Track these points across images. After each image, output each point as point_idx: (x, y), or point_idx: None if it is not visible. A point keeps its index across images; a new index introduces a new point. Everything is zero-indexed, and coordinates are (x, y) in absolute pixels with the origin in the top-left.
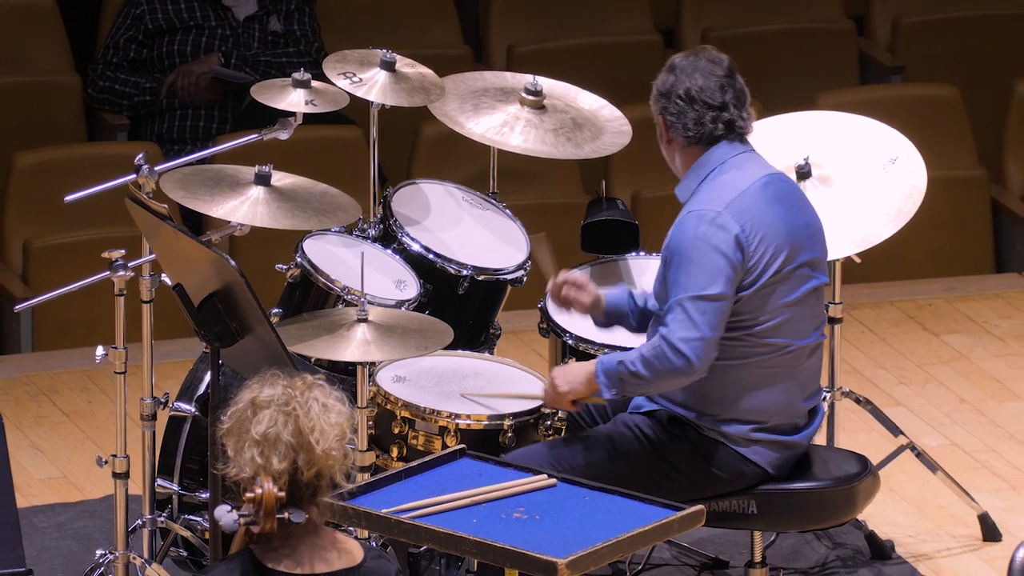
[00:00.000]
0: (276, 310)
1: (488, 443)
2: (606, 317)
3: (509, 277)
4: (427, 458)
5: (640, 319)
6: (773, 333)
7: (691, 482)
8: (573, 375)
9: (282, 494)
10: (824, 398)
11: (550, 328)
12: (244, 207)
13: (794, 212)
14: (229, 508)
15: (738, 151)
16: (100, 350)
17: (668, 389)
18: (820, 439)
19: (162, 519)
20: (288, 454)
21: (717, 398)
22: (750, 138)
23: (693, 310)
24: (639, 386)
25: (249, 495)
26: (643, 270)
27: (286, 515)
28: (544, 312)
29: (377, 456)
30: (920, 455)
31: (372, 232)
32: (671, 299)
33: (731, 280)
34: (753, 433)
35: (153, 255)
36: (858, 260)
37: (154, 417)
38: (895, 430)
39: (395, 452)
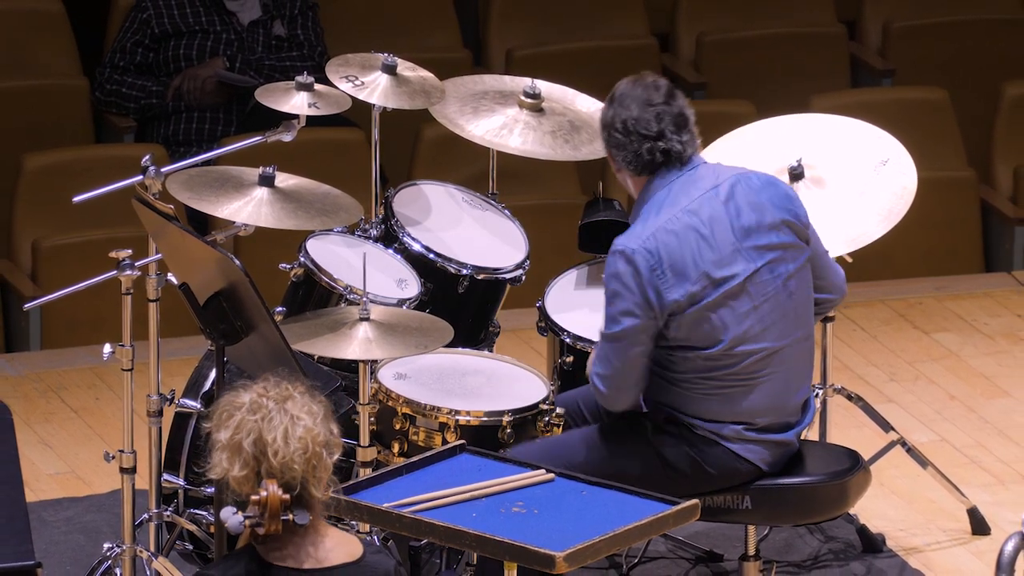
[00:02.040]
0: (280, 309)
1: (487, 439)
2: None
3: (508, 276)
4: (427, 454)
5: None
6: (741, 342)
7: (686, 480)
8: None
9: (287, 496)
10: (816, 395)
11: (548, 326)
12: (248, 208)
13: (731, 225)
14: (235, 510)
15: (674, 178)
16: (107, 348)
17: (616, 411)
18: (812, 435)
19: (168, 513)
20: (249, 462)
21: (704, 407)
22: (749, 140)
23: (604, 347)
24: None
25: (254, 497)
26: None
27: (291, 517)
28: (542, 311)
29: (379, 452)
30: (910, 450)
31: (374, 232)
32: (599, 332)
33: (647, 313)
34: (747, 432)
35: (159, 255)
36: (850, 259)
37: (160, 413)
38: (886, 426)
39: (396, 448)
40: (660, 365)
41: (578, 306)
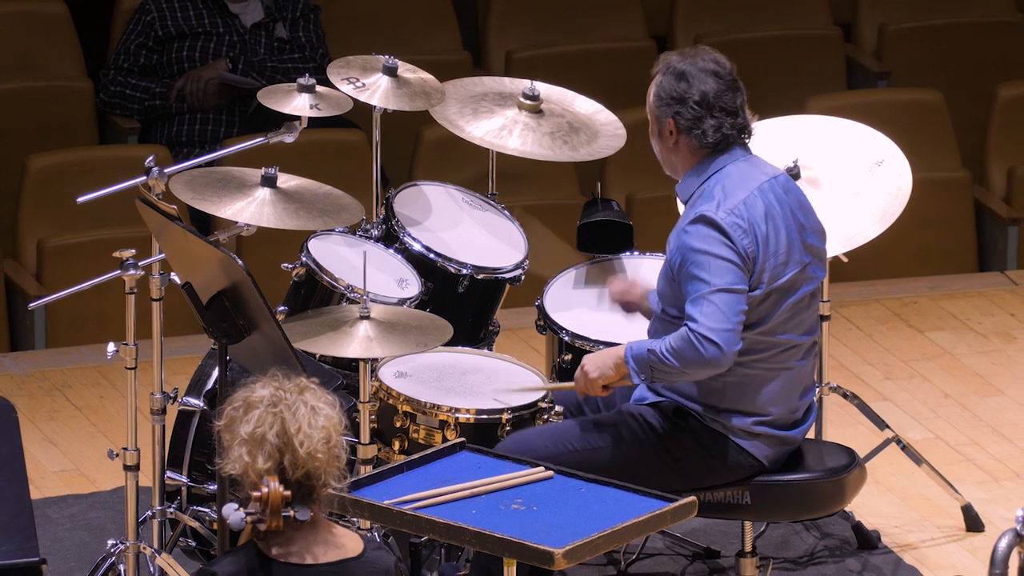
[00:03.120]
0: (282, 308)
1: (487, 437)
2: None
3: (507, 276)
4: (428, 451)
5: None
6: (780, 331)
7: (689, 472)
8: (602, 360)
9: (288, 493)
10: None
11: (547, 325)
12: (251, 208)
13: (793, 217)
14: (236, 506)
15: (738, 157)
16: (111, 346)
17: (698, 378)
18: (809, 432)
19: (171, 510)
20: (273, 454)
21: (721, 391)
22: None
23: (720, 302)
24: (669, 374)
25: (256, 494)
26: (637, 269)
27: (292, 513)
28: (541, 309)
29: (379, 449)
30: (905, 448)
31: (375, 232)
32: (693, 295)
33: (746, 277)
34: (756, 427)
35: (163, 254)
36: (845, 259)
37: (164, 411)
38: (881, 424)
39: (397, 445)
40: None
41: (577, 305)
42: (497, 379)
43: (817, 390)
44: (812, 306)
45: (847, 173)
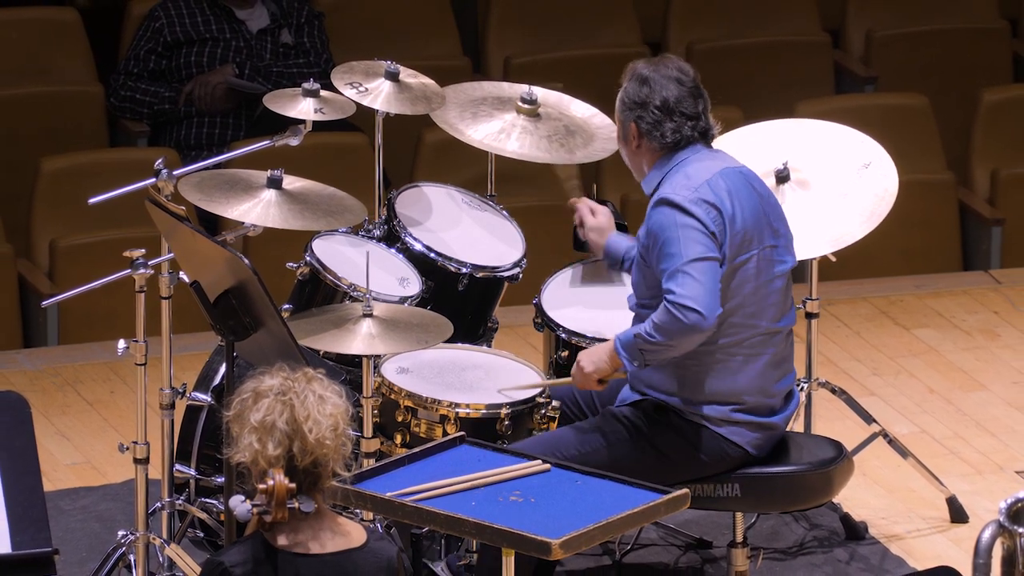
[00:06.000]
0: (287, 306)
1: (486, 431)
2: (606, 253)
3: (506, 274)
4: (429, 445)
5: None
6: (745, 316)
7: (678, 466)
8: (595, 355)
9: (293, 485)
10: (802, 388)
11: (544, 323)
12: (257, 209)
13: (755, 199)
14: (243, 498)
15: (699, 150)
16: (122, 343)
17: (687, 348)
18: (798, 426)
19: (180, 502)
20: (283, 441)
21: (695, 381)
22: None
23: (693, 271)
24: (658, 351)
25: (262, 486)
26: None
27: (296, 504)
28: (539, 307)
29: (382, 443)
30: (892, 442)
31: (377, 232)
32: (668, 271)
33: (716, 247)
34: (733, 414)
35: (171, 254)
36: (834, 259)
37: (172, 406)
38: (868, 418)
39: (399, 439)
40: None
41: (573, 303)
42: (496, 375)
43: (806, 385)
44: (784, 292)
45: (835, 175)
